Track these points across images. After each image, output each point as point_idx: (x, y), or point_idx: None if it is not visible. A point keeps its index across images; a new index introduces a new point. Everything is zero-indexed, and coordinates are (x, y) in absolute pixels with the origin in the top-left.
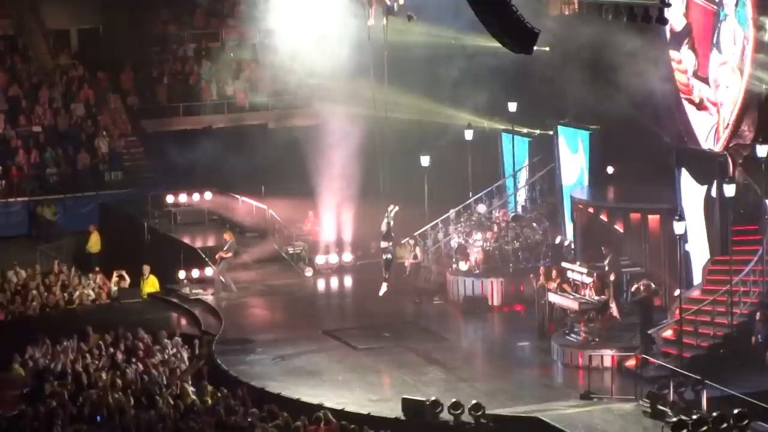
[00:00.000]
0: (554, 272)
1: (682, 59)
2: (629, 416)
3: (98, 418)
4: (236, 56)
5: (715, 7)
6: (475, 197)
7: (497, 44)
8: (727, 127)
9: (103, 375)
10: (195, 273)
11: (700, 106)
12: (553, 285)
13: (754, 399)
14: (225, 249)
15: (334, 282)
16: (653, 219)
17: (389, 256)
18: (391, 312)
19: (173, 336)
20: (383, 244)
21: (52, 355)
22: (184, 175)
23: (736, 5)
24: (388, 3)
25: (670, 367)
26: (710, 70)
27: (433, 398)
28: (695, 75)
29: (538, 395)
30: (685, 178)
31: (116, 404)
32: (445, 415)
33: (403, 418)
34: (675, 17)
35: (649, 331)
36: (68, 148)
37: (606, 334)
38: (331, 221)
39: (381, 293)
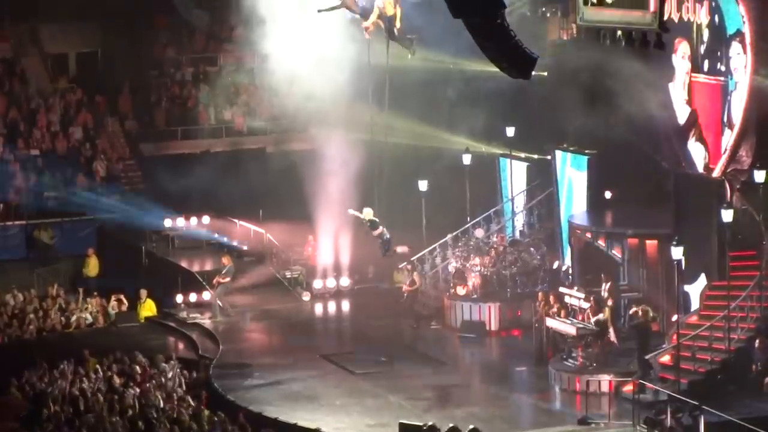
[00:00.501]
0: (552, 297)
1: (692, 155)
2: None
3: None
4: (234, 80)
5: (723, 79)
6: (473, 222)
7: (495, 69)
8: (724, 153)
9: (101, 399)
10: (192, 297)
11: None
12: (551, 310)
13: (752, 425)
14: (223, 273)
15: (332, 306)
16: (651, 244)
17: (387, 236)
18: (388, 336)
19: (170, 360)
20: (375, 233)
21: (49, 379)
22: (182, 199)
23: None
24: (381, 26)
25: (668, 392)
26: (722, 148)
27: (430, 423)
28: (706, 168)
29: (536, 420)
30: None
31: (113, 428)
32: None
33: None
34: (678, 107)
35: (647, 357)
36: (66, 172)
37: (603, 360)
38: (329, 245)
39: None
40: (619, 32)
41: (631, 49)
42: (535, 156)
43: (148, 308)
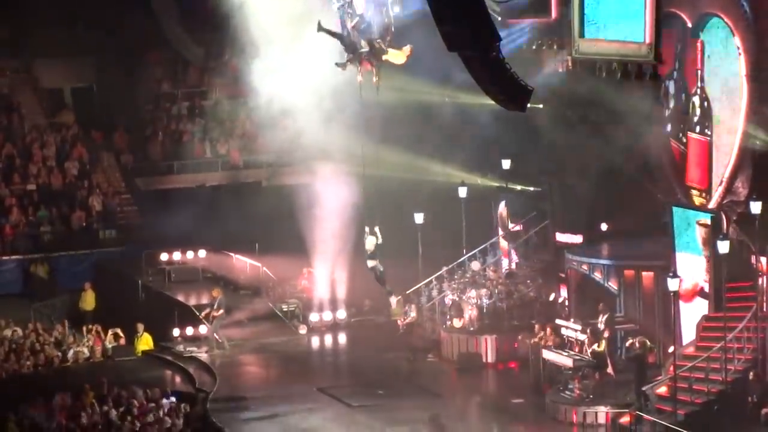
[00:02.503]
0: (548, 329)
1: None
2: None
3: None
4: (229, 114)
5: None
6: (469, 254)
7: (491, 101)
8: (721, 184)
9: None
10: (189, 330)
11: None
12: (547, 342)
13: None
14: (215, 306)
15: (328, 339)
16: (647, 276)
17: (381, 269)
18: (385, 369)
19: (167, 394)
20: (370, 264)
21: (46, 414)
22: (178, 233)
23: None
24: (369, 67)
25: (665, 423)
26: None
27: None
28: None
29: None
30: None
31: None
32: None
33: None
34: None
35: (644, 388)
36: (62, 207)
37: (600, 391)
38: (325, 279)
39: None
40: (615, 64)
41: (627, 81)
42: (531, 188)
43: (145, 342)
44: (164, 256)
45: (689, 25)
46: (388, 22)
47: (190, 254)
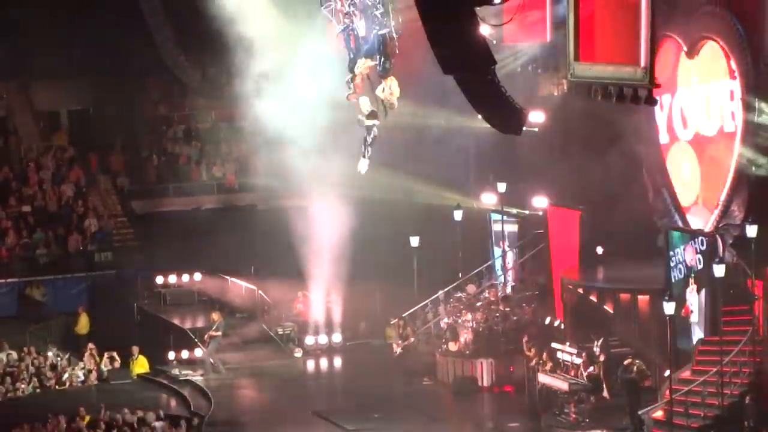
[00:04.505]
0: (544, 353)
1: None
2: None
3: None
4: (226, 137)
5: None
6: (465, 278)
7: (486, 124)
8: (716, 207)
9: None
10: (184, 354)
11: None
12: (543, 366)
13: None
14: (214, 328)
15: (324, 363)
16: (643, 299)
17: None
18: (381, 392)
19: (162, 417)
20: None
21: None
22: (174, 256)
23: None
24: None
25: None
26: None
27: None
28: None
29: None
30: None
31: None
32: None
33: None
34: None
35: (640, 412)
36: (58, 229)
37: (596, 415)
38: (320, 302)
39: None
40: (610, 88)
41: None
42: (527, 211)
43: (140, 365)
44: (160, 279)
45: (684, 48)
46: (392, 44)
47: (185, 277)
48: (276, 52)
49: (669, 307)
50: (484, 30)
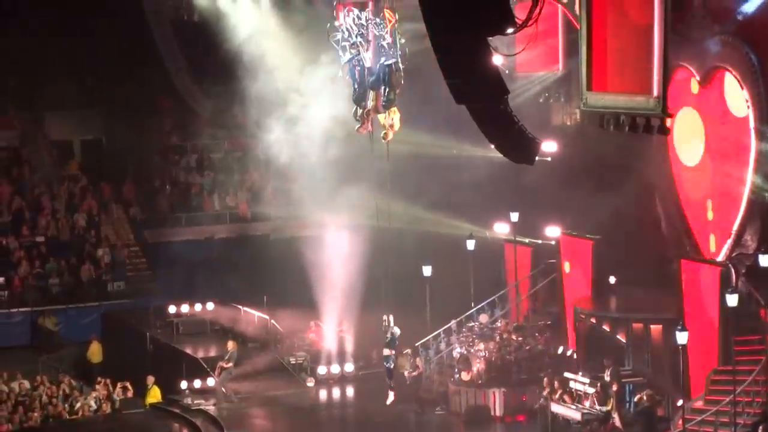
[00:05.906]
0: (557, 383)
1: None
2: None
3: None
4: (238, 167)
5: None
6: (477, 307)
7: (498, 154)
8: (729, 237)
9: None
10: (197, 383)
11: None
12: (555, 395)
13: None
14: (226, 358)
15: (336, 392)
16: (656, 329)
17: (391, 364)
18: (393, 422)
19: None
20: (386, 351)
21: None
22: (186, 285)
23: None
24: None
25: None
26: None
27: None
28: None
29: None
30: None
31: None
32: None
33: None
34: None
35: None
36: (71, 259)
37: None
38: (333, 331)
39: (388, 402)
40: (623, 117)
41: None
42: (540, 241)
43: (153, 395)
44: (172, 309)
45: (697, 77)
46: (398, 75)
47: (198, 307)
48: (288, 82)
49: (682, 337)
50: (497, 60)
